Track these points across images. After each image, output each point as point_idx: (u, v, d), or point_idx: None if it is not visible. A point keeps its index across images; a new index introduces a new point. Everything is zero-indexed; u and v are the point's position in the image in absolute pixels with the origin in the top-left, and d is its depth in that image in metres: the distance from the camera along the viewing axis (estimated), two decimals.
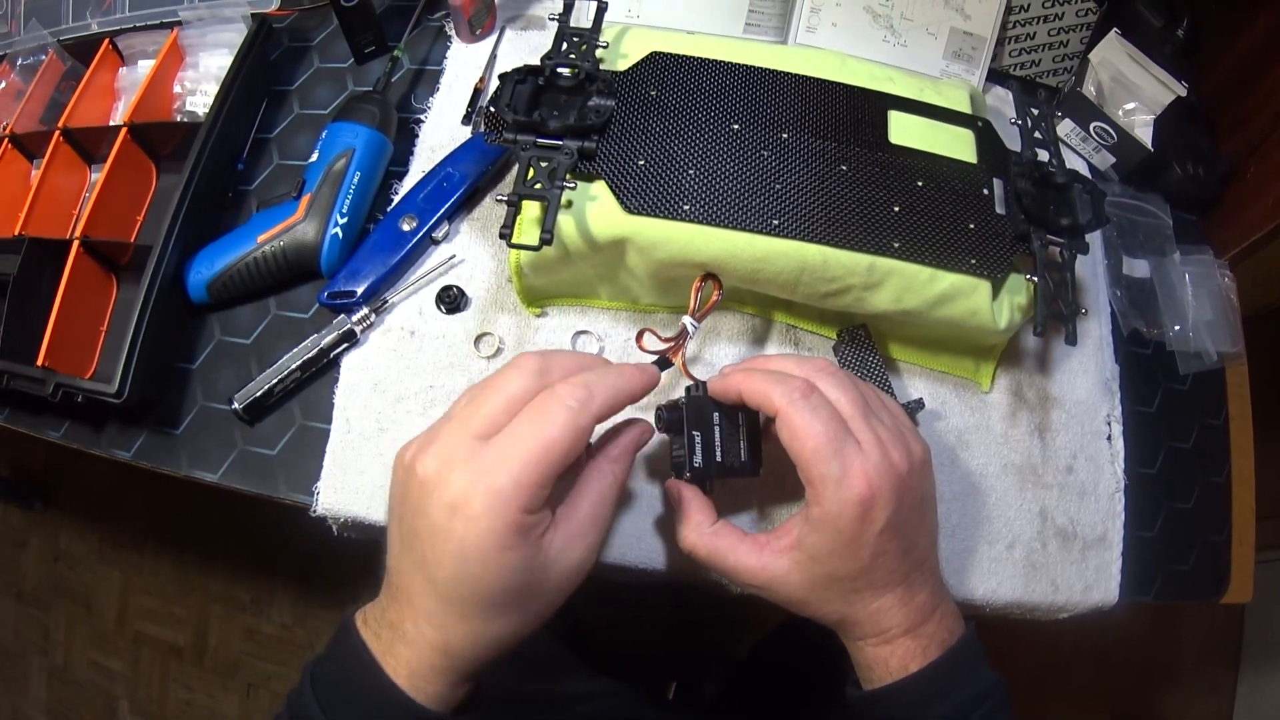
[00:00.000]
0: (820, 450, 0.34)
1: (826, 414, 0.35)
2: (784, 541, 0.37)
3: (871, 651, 0.37)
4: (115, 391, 0.46)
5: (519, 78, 0.43)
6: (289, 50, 0.58)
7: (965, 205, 0.46)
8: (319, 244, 0.49)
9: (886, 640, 0.37)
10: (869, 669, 0.38)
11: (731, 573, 0.38)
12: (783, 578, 0.37)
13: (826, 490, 0.34)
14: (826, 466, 0.34)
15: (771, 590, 0.38)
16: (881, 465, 0.35)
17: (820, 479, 0.34)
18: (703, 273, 0.43)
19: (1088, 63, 0.60)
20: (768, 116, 0.45)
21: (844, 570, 0.36)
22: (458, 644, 0.32)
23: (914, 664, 0.36)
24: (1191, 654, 1.35)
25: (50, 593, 1.31)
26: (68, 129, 0.55)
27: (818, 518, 0.35)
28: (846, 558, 0.35)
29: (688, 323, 0.42)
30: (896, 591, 0.37)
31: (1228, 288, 0.59)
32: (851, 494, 0.34)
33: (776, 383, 0.35)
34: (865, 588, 0.36)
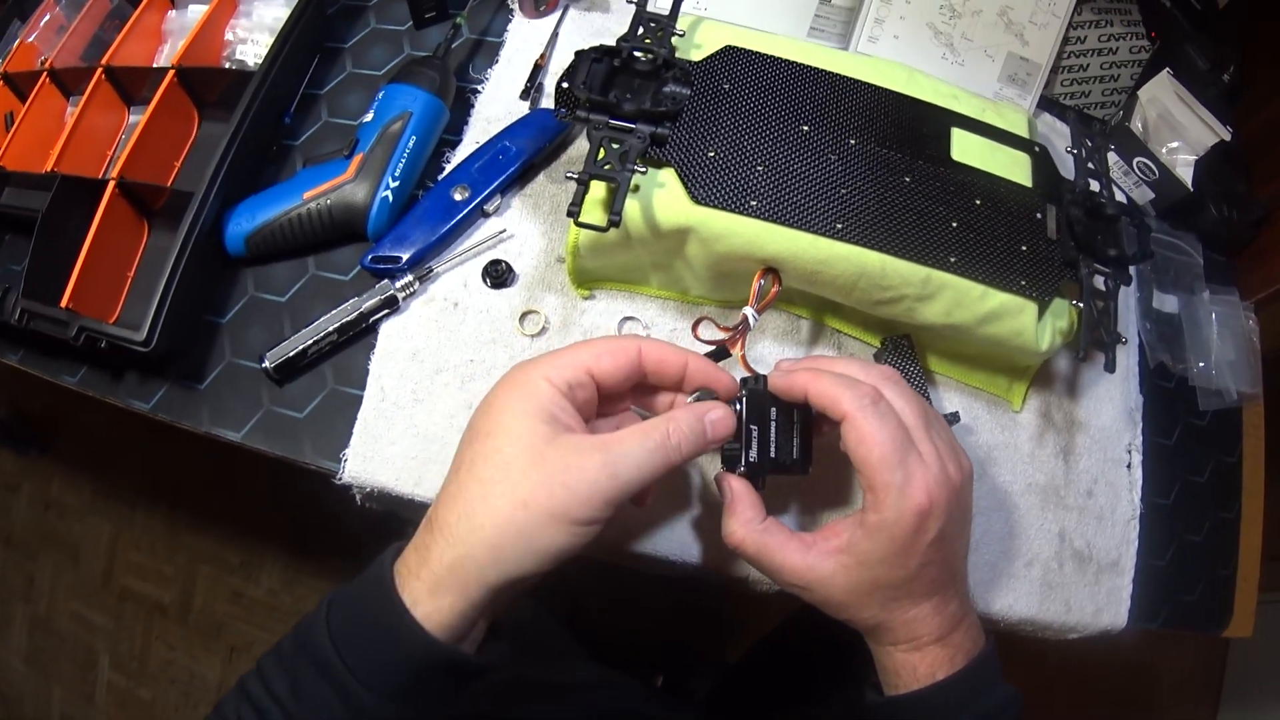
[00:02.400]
0: (887, 458, 0.34)
1: (894, 423, 0.35)
2: (833, 544, 0.37)
3: (901, 657, 0.38)
4: (143, 340, 0.45)
5: (595, 56, 0.43)
6: (346, 8, 0.57)
7: (1019, 227, 0.46)
8: (368, 206, 0.48)
9: (917, 647, 0.37)
10: (895, 674, 0.38)
11: (777, 570, 0.38)
12: (827, 579, 0.37)
13: (889, 498, 0.34)
14: (891, 474, 0.34)
15: (813, 591, 0.38)
16: (940, 477, 0.35)
17: (884, 486, 0.34)
18: (764, 266, 0.43)
19: (1136, 99, 0.61)
20: (837, 121, 0.45)
21: (890, 578, 0.36)
22: (463, 539, 0.31)
23: (941, 672, 0.37)
24: (1172, 686, 1.37)
25: (38, 540, 1.29)
26: (110, 67, 0.53)
27: (874, 524, 0.35)
28: (895, 565, 0.36)
29: (749, 313, 0.42)
30: (933, 600, 0.37)
31: (1252, 330, 0.60)
32: (911, 504, 0.34)
33: (847, 387, 0.36)
34: (905, 595, 0.37)
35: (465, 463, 0.33)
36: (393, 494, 0.46)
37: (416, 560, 0.33)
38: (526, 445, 0.32)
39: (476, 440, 0.33)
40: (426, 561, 0.32)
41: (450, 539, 0.32)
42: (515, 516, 0.32)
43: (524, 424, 0.33)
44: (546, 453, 0.32)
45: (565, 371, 0.34)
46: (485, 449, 0.33)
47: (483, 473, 0.32)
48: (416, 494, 0.46)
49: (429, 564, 0.32)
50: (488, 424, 0.34)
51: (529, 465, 0.32)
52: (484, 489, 0.32)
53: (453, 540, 0.32)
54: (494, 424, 0.33)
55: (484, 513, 0.32)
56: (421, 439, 0.46)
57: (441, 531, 0.32)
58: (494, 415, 0.34)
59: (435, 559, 0.32)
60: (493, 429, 0.33)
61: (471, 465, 0.33)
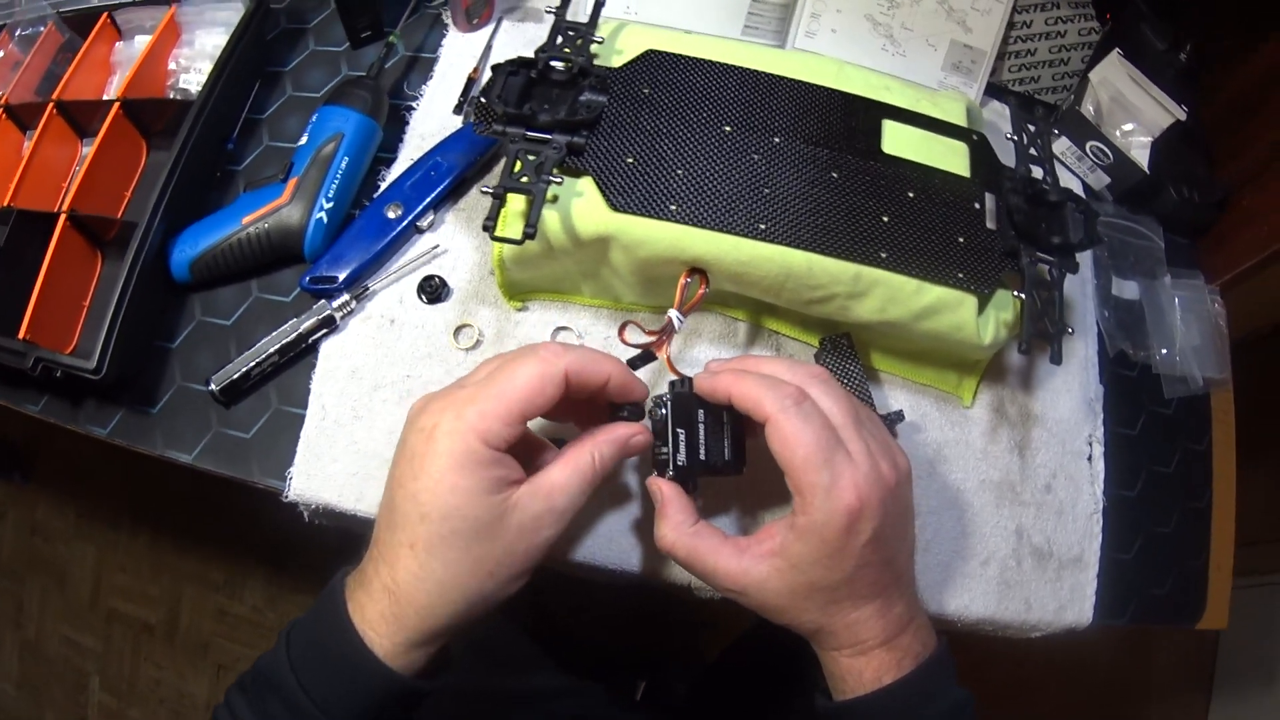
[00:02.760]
0: (811, 459, 0.34)
1: (818, 422, 0.35)
2: (765, 546, 0.36)
3: (846, 662, 0.37)
4: (94, 368, 0.46)
5: (511, 69, 0.43)
6: (285, 31, 0.58)
7: (955, 218, 0.46)
8: (303, 228, 0.48)
9: (862, 651, 0.37)
10: (842, 680, 0.37)
11: (710, 575, 0.37)
12: (761, 583, 0.36)
13: (815, 499, 0.34)
14: (816, 475, 0.34)
15: (749, 595, 0.37)
16: (871, 476, 0.35)
17: (810, 487, 0.34)
18: (684, 273, 0.42)
19: (1088, 82, 0.60)
20: (761, 120, 0.45)
21: (826, 580, 0.35)
22: (404, 581, 0.33)
23: (887, 676, 0.36)
24: (1164, 677, 1.34)
25: (25, 566, 1.31)
26: (61, 101, 0.55)
27: (804, 526, 0.34)
28: (830, 568, 0.35)
29: (674, 316, 0.41)
30: (875, 603, 0.36)
31: (1217, 314, 0.58)
32: (840, 504, 0.34)
33: (768, 388, 0.35)
34: (845, 598, 0.36)
35: (422, 542, 0.33)
36: (336, 510, 0.46)
37: (373, 605, 0.34)
38: (483, 523, 0.33)
39: (427, 521, 0.33)
40: (387, 617, 0.33)
41: (417, 607, 0.33)
42: (484, 587, 0.34)
43: (472, 502, 0.33)
44: (502, 524, 0.33)
45: (500, 428, 0.33)
46: (442, 531, 0.33)
47: (445, 554, 0.33)
48: (359, 509, 0.46)
49: (391, 619, 0.33)
50: (433, 500, 0.33)
51: (488, 538, 0.33)
52: (449, 570, 0.33)
53: (420, 609, 0.33)
54: (443, 504, 0.32)
55: (454, 588, 0.33)
56: (362, 456, 0.46)
57: (406, 599, 0.33)
58: (440, 494, 0.32)
59: (398, 617, 0.33)
60: (445, 511, 0.32)
61: (430, 547, 0.33)
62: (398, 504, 0.33)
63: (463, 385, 0.35)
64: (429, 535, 0.33)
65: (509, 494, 0.34)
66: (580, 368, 0.35)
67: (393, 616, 0.33)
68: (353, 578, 0.35)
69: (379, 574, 0.34)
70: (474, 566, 0.33)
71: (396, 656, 0.33)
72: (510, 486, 0.34)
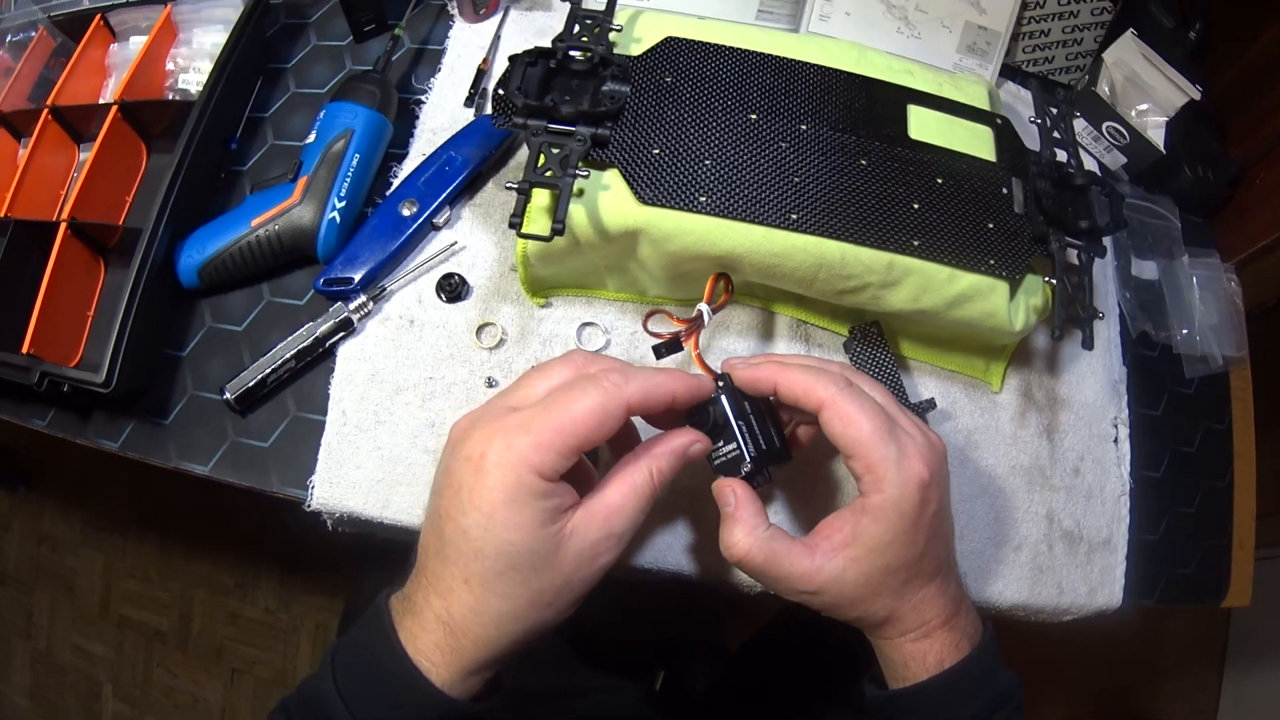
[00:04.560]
0: (877, 434, 0.34)
1: (872, 401, 0.35)
2: (836, 540, 0.35)
3: (910, 647, 0.36)
4: (103, 381, 0.44)
5: (530, 60, 0.42)
6: (285, 27, 0.56)
7: (984, 204, 0.45)
8: (315, 228, 0.47)
9: (926, 633, 0.36)
10: (904, 665, 0.37)
11: (785, 579, 0.35)
12: (838, 578, 0.35)
13: (888, 473, 0.34)
14: (885, 449, 0.34)
15: (824, 593, 0.35)
16: (929, 447, 0.35)
17: (880, 461, 0.34)
18: (719, 266, 0.42)
19: (1101, 62, 0.59)
20: (786, 107, 0.44)
21: (901, 559, 0.35)
22: (460, 614, 0.32)
23: (949, 659, 0.36)
24: (1177, 652, 1.36)
25: (33, 576, 1.29)
26: (56, 107, 0.53)
27: (878, 505, 0.34)
28: (907, 544, 0.35)
29: (704, 309, 0.40)
30: (937, 580, 0.36)
31: (1234, 291, 0.59)
32: (912, 474, 0.34)
33: (817, 375, 0.35)
34: (916, 576, 0.36)
35: (477, 578, 0.31)
36: (362, 518, 0.45)
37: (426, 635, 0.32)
38: (540, 556, 0.31)
39: (481, 558, 0.31)
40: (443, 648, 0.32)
41: (474, 639, 0.32)
42: (542, 617, 0.32)
43: (528, 536, 0.31)
44: (559, 554, 0.32)
45: (555, 460, 0.31)
46: (499, 568, 0.31)
47: (502, 589, 0.31)
48: (385, 516, 0.45)
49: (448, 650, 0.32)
50: (486, 537, 0.31)
51: (545, 570, 0.32)
52: (506, 605, 0.32)
53: (477, 641, 0.32)
54: (497, 541, 0.31)
55: (511, 621, 0.32)
56: (386, 461, 0.45)
57: (462, 632, 0.32)
58: (494, 530, 0.31)
59: (454, 649, 0.32)
60: (500, 548, 0.31)
61: (486, 583, 0.31)
62: (448, 537, 0.32)
63: (511, 408, 0.33)
64: (484, 571, 0.31)
65: (564, 522, 0.32)
66: (644, 396, 0.33)
67: (449, 648, 0.32)
68: (399, 603, 0.34)
69: (430, 604, 0.32)
70: (533, 599, 0.32)
71: (454, 685, 0.32)
72: (565, 514, 0.32)
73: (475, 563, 0.31)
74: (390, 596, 0.34)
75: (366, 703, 0.32)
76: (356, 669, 0.33)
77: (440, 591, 0.32)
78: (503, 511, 0.30)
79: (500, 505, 0.30)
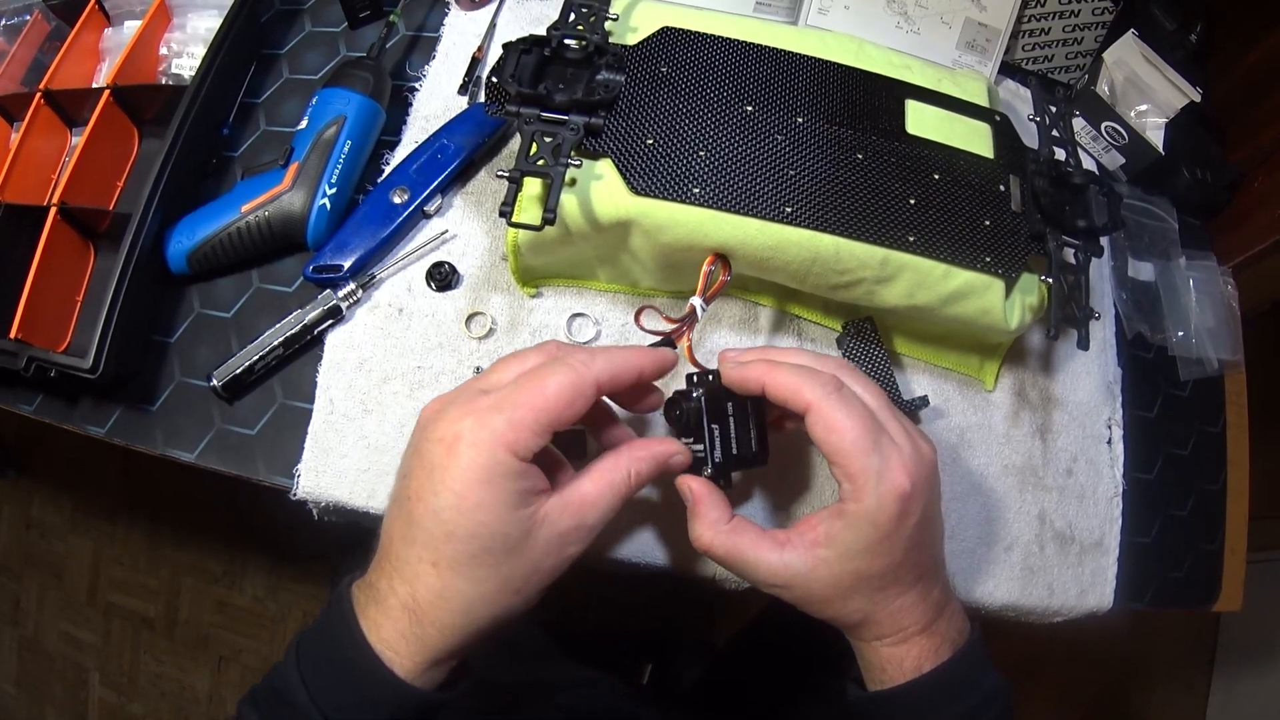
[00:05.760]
0: (859, 444, 0.33)
1: (860, 407, 0.34)
2: (809, 537, 0.35)
3: (887, 652, 0.36)
4: (89, 367, 0.44)
5: (524, 47, 0.41)
6: (280, 13, 0.56)
7: (981, 201, 0.45)
8: (305, 215, 0.47)
9: (903, 639, 0.36)
10: (881, 669, 0.37)
11: (750, 570, 0.36)
12: (806, 575, 0.35)
13: (868, 484, 0.33)
14: (868, 459, 0.33)
15: (793, 589, 0.36)
16: (914, 457, 0.34)
17: (861, 472, 0.33)
18: (712, 254, 0.41)
19: (1101, 62, 0.59)
20: (782, 99, 0.44)
21: (874, 568, 0.34)
22: (426, 600, 0.31)
23: (927, 664, 0.36)
24: (1167, 654, 1.37)
25: (21, 562, 1.28)
26: (49, 91, 0.52)
27: (855, 513, 0.34)
28: (880, 554, 0.34)
29: (697, 304, 0.40)
30: (917, 588, 0.36)
31: (1230, 295, 0.58)
32: (893, 487, 0.33)
33: (806, 377, 0.34)
34: (892, 584, 0.35)
35: (447, 560, 0.31)
36: (348, 507, 0.45)
37: (391, 624, 0.32)
38: (512, 540, 0.31)
39: (453, 540, 0.30)
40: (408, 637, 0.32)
41: (440, 626, 0.32)
42: (510, 603, 0.32)
43: (501, 518, 0.31)
44: (530, 539, 0.31)
45: (529, 439, 0.31)
46: (470, 550, 0.31)
47: (473, 573, 0.31)
48: (371, 506, 0.44)
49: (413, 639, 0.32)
50: (458, 518, 0.30)
51: (516, 555, 0.31)
52: (476, 589, 0.31)
53: (443, 628, 0.31)
54: (470, 522, 0.30)
55: (480, 607, 0.32)
56: (373, 450, 0.45)
57: (429, 618, 0.31)
58: (467, 510, 0.30)
59: (419, 637, 0.32)
60: (473, 529, 0.30)
61: (456, 566, 0.31)
62: (417, 519, 0.31)
63: (483, 390, 0.33)
64: (455, 554, 0.31)
65: (536, 507, 0.32)
66: (614, 374, 0.33)
67: (414, 637, 0.31)
68: (361, 590, 0.33)
69: (395, 591, 0.32)
70: (502, 585, 0.32)
71: (418, 675, 0.32)
72: (537, 498, 0.32)
73: (446, 545, 0.31)
74: (353, 584, 0.34)
75: (331, 694, 0.31)
76: (320, 659, 0.33)
77: (406, 577, 0.31)
78: (476, 491, 0.30)
79: (474, 485, 0.30)
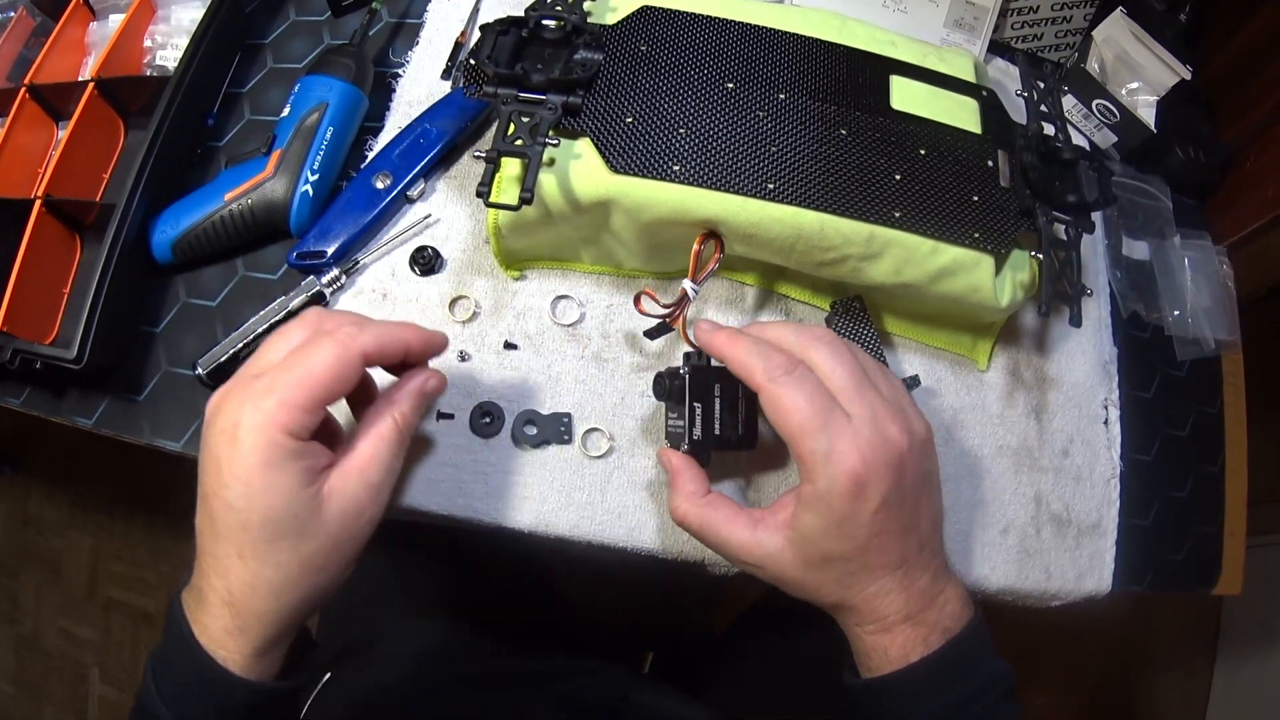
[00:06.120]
0: (805, 426, 0.33)
1: (810, 387, 0.34)
2: (780, 517, 0.35)
3: (870, 639, 0.36)
4: (74, 358, 0.44)
5: (501, 29, 0.41)
6: (264, 2, 0.55)
7: (969, 176, 0.44)
8: (288, 202, 0.46)
9: (886, 628, 0.35)
10: (867, 657, 0.36)
11: (723, 546, 0.36)
12: (775, 555, 0.35)
13: (817, 466, 0.33)
14: (814, 442, 0.33)
15: (764, 568, 0.36)
16: (875, 440, 0.33)
17: (809, 454, 0.33)
18: (703, 231, 0.41)
19: (1091, 40, 0.58)
20: (764, 76, 0.43)
21: (838, 551, 0.34)
22: (239, 591, 0.31)
23: (915, 653, 0.35)
24: (1169, 639, 1.35)
25: (19, 559, 1.28)
26: (34, 85, 0.52)
27: (809, 495, 0.34)
28: (841, 537, 0.34)
29: (688, 287, 0.40)
30: (895, 575, 0.35)
31: (1225, 275, 0.57)
32: (841, 470, 0.33)
33: (760, 357, 0.34)
34: (861, 570, 0.35)
35: (249, 549, 0.31)
36: None
37: (215, 622, 0.32)
38: (304, 520, 0.31)
39: (249, 528, 0.31)
40: (232, 631, 0.32)
41: (258, 615, 0.32)
42: (318, 581, 0.33)
43: (289, 499, 0.31)
44: (322, 514, 0.32)
45: (302, 417, 0.31)
46: (265, 535, 0.31)
47: (275, 558, 0.31)
48: None
49: (236, 633, 0.32)
50: (249, 505, 0.30)
51: (312, 534, 0.32)
52: (281, 573, 0.32)
53: (261, 616, 0.32)
54: (260, 508, 0.31)
55: (289, 590, 0.32)
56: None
57: (245, 609, 0.32)
58: (254, 497, 0.30)
59: (242, 629, 0.32)
60: (264, 515, 0.31)
61: (258, 553, 0.31)
62: (216, 514, 0.31)
63: (255, 375, 0.32)
64: (253, 541, 0.31)
65: (321, 483, 0.32)
66: (379, 345, 0.33)
67: (237, 630, 0.32)
68: (189, 596, 0.33)
69: (213, 588, 0.32)
70: (304, 565, 0.32)
71: (252, 668, 0.32)
72: (322, 475, 0.32)
73: (244, 534, 0.31)
74: (182, 592, 0.34)
75: (186, 706, 0.32)
76: (167, 671, 0.33)
77: (219, 571, 0.32)
78: (260, 477, 0.30)
79: (257, 471, 0.30)
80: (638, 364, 0.46)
